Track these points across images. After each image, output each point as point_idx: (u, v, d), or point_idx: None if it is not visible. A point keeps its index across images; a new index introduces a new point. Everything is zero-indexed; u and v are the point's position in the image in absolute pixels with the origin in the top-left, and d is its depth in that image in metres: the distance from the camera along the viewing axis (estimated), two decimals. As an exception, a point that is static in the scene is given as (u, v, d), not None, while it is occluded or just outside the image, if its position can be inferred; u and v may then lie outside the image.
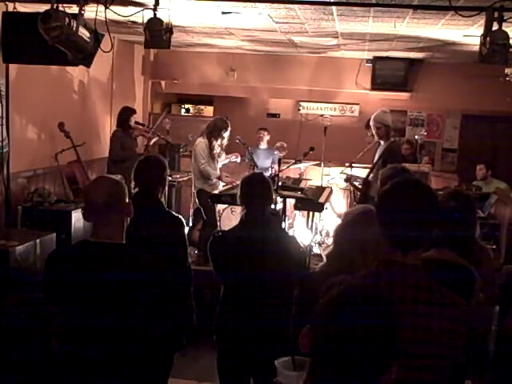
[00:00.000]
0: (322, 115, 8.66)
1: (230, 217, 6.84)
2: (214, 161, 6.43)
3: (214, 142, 6.32)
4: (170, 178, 6.32)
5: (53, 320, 1.87)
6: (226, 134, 6.37)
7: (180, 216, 3.51)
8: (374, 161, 5.86)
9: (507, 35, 3.82)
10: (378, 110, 6.08)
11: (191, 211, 7.06)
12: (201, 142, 6.38)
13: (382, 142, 5.91)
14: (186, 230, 3.66)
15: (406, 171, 3.93)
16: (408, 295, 1.83)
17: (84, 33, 4.06)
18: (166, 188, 3.90)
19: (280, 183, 5.98)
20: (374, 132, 5.90)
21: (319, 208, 6.04)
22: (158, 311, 2.28)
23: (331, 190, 6.86)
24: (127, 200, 2.38)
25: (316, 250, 6.61)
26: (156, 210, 3.37)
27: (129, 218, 2.39)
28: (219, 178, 6.53)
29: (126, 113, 6.94)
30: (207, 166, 6.32)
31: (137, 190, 3.45)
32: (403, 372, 1.80)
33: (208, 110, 10.88)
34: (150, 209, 3.32)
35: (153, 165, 3.47)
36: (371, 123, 5.94)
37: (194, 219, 6.81)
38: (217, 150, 6.39)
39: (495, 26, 3.84)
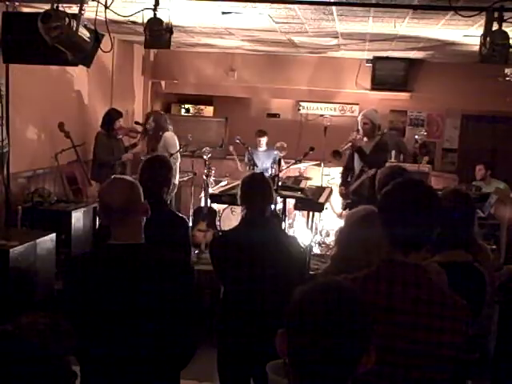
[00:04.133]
0: (321, 115, 8.66)
1: (229, 217, 6.85)
2: None
3: None
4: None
5: (67, 339, 1.85)
6: None
7: (184, 216, 3.51)
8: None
9: (507, 35, 3.82)
10: (369, 108, 6.35)
11: (191, 211, 7.06)
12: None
13: (365, 139, 6.09)
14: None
15: (404, 171, 3.91)
16: (409, 294, 1.83)
17: (84, 33, 4.05)
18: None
19: (280, 183, 5.98)
20: (359, 127, 6.09)
21: (319, 208, 6.05)
22: (180, 311, 2.27)
23: (331, 190, 6.86)
24: (143, 200, 2.36)
25: (316, 250, 6.61)
26: (160, 210, 3.36)
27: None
28: None
29: (111, 116, 6.90)
30: None
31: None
32: (405, 370, 1.82)
33: (208, 110, 10.88)
34: (155, 209, 3.32)
35: (158, 165, 3.48)
36: (359, 118, 6.16)
37: (194, 219, 6.81)
38: None
39: (495, 26, 3.84)
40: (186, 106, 11.30)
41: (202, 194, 7.02)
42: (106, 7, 4.04)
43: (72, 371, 1.86)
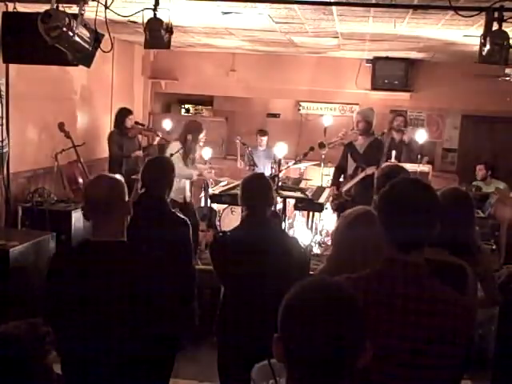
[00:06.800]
0: (321, 115, 8.66)
1: (229, 217, 6.84)
2: None
3: None
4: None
5: (47, 339, 1.86)
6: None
7: (185, 217, 3.51)
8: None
9: (507, 35, 3.82)
10: (366, 107, 6.49)
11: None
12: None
13: (360, 138, 6.13)
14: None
15: (402, 170, 3.90)
16: (411, 293, 1.83)
17: (84, 33, 4.05)
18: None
19: (280, 183, 5.98)
20: (354, 124, 6.18)
21: (319, 208, 6.05)
22: (160, 310, 2.27)
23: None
24: (127, 198, 2.37)
25: (316, 250, 6.61)
26: (162, 211, 3.37)
27: (129, 218, 2.38)
28: None
29: (121, 114, 6.97)
30: None
31: (143, 190, 3.45)
32: (407, 370, 1.82)
33: (208, 111, 10.89)
34: (156, 209, 3.32)
35: (160, 166, 3.48)
36: (354, 115, 6.25)
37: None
38: None
39: (495, 26, 3.84)
40: (186, 106, 11.30)
41: (202, 194, 7.02)
42: (106, 7, 4.04)
43: (54, 373, 1.86)
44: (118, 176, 2.44)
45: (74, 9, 4.05)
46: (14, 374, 1.74)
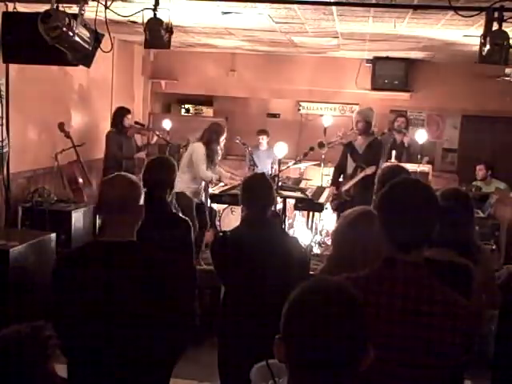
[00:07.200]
0: (321, 115, 8.66)
1: (229, 217, 6.85)
2: None
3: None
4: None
5: (50, 343, 1.85)
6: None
7: (187, 218, 3.50)
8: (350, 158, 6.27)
9: (507, 35, 3.82)
10: (365, 107, 6.54)
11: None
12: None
13: (359, 138, 6.21)
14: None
15: (402, 170, 3.90)
16: (411, 293, 1.84)
17: (84, 33, 4.06)
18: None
19: (280, 183, 5.99)
20: (353, 124, 6.27)
21: (319, 208, 6.06)
22: (162, 310, 2.27)
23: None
24: (141, 202, 2.35)
25: (316, 250, 6.61)
26: (163, 212, 3.37)
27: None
28: None
29: (120, 113, 6.98)
30: None
31: (145, 190, 3.45)
32: (405, 369, 1.82)
33: (208, 111, 10.88)
34: (157, 210, 3.32)
35: (161, 166, 3.49)
36: (354, 115, 6.36)
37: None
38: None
39: (495, 26, 3.84)
40: (186, 106, 11.30)
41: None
42: (106, 7, 4.05)
43: (57, 376, 1.85)
44: (134, 178, 2.43)
45: (74, 9, 4.05)
46: (15, 379, 1.74)
